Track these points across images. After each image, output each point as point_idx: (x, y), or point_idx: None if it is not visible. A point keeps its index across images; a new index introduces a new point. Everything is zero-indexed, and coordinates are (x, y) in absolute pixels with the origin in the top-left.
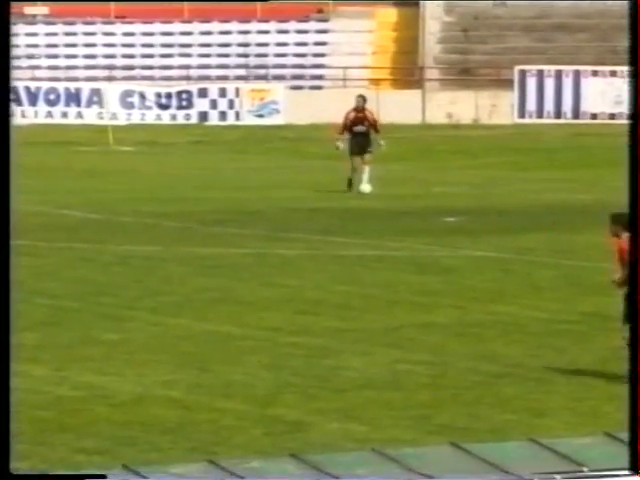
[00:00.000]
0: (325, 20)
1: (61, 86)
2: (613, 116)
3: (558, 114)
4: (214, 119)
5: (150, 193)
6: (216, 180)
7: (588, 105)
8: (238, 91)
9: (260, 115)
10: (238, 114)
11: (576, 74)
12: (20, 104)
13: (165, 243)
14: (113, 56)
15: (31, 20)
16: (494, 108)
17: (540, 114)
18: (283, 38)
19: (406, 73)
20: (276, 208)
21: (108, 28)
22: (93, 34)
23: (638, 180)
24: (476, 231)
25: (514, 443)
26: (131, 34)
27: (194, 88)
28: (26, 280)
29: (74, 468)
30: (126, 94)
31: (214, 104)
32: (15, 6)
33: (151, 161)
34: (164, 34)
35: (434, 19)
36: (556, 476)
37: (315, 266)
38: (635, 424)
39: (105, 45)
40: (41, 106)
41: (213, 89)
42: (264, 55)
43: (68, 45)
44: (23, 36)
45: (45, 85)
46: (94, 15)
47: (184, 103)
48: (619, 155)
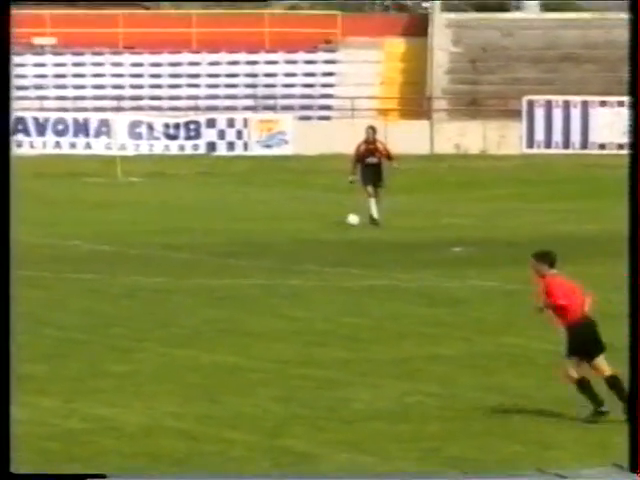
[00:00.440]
0: (333, 51)
1: (69, 116)
2: (621, 146)
3: (566, 144)
4: (222, 150)
5: (158, 224)
6: (224, 211)
7: (596, 135)
8: (246, 122)
9: (268, 146)
10: (246, 145)
11: (584, 104)
12: (28, 135)
13: (174, 274)
14: (121, 86)
15: (39, 51)
16: (502, 139)
17: (548, 144)
18: (291, 68)
19: (414, 104)
20: (285, 239)
21: (116, 59)
22: (101, 64)
23: (638, 206)
24: (484, 262)
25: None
26: (139, 64)
27: (202, 118)
28: (34, 311)
29: None
30: (134, 125)
31: (222, 134)
32: (23, 37)
33: (159, 192)
34: (172, 64)
35: (442, 50)
36: None
37: (324, 298)
38: (635, 424)
39: (113, 75)
40: (49, 137)
41: (221, 119)
42: (272, 85)
43: (76, 75)
44: (31, 66)
45: (53, 115)
46: (102, 45)
47: (192, 134)
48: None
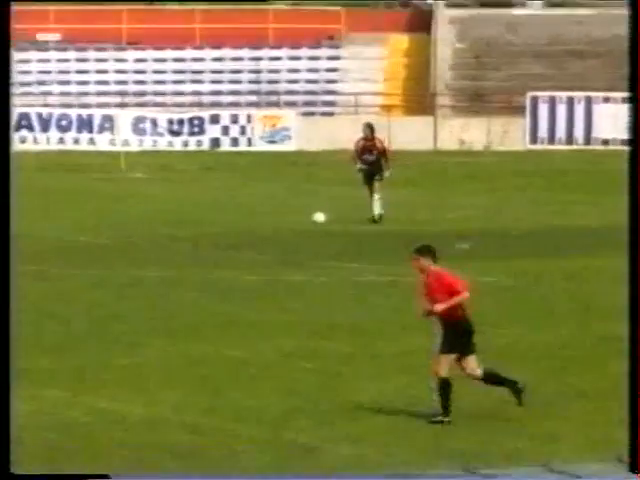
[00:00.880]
0: (337, 46)
1: (73, 112)
2: (625, 142)
3: (570, 140)
4: (226, 145)
5: (162, 218)
6: (228, 205)
7: (600, 131)
8: (250, 117)
9: (272, 141)
10: (250, 140)
11: (588, 100)
12: (32, 130)
13: (178, 268)
14: (125, 82)
15: (43, 46)
16: (506, 134)
17: (552, 140)
18: (295, 64)
19: (418, 99)
20: (288, 233)
21: (120, 54)
22: (105, 60)
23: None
24: (488, 256)
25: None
26: (143, 60)
27: (206, 114)
28: (39, 304)
29: None
30: (138, 120)
31: (226, 130)
32: (27, 32)
33: (163, 187)
34: (176, 60)
35: (446, 45)
36: None
37: (327, 291)
38: (635, 424)
39: (117, 71)
40: (53, 132)
41: (225, 115)
42: (276, 81)
43: (80, 71)
44: (35, 62)
45: (57, 111)
46: (106, 41)
47: (196, 129)
48: None
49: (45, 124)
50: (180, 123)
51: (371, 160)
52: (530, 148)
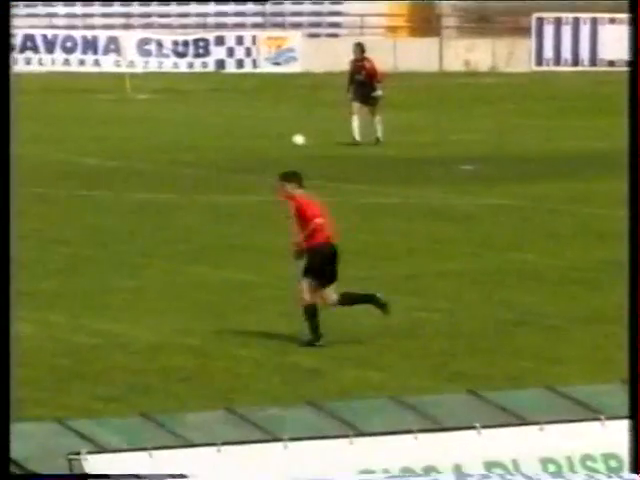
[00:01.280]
0: None
1: (78, 34)
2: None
3: (575, 62)
4: (231, 67)
5: (167, 141)
6: (233, 128)
7: (605, 52)
8: (255, 39)
9: (277, 63)
10: (255, 62)
11: (593, 21)
12: (37, 52)
13: (182, 191)
14: (130, 4)
15: None
16: (511, 56)
17: (557, 62)
18: None
19: (423, 20)
20: (294, 156)
21: None
22: None
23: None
24: (493, 179)
25: (530, 391)
26: None
27: (211, 36)
28: (43, 228)
29: (92, 415)
30: (143, 42)
31: (231, 52)
32: None
33: (168, 109)
34: None
35: None
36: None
37: (333, 214)
38: (635, 424)
39: None
40: (58, 54)
41: (230, 37)
42: (281, 2)
43: None
44: None
45: (62, 33)
46: None
47: (201, 51)
48: None
49: (50, 46)
50: (185, 45)
51: (360, 80)
52: (535, 69)
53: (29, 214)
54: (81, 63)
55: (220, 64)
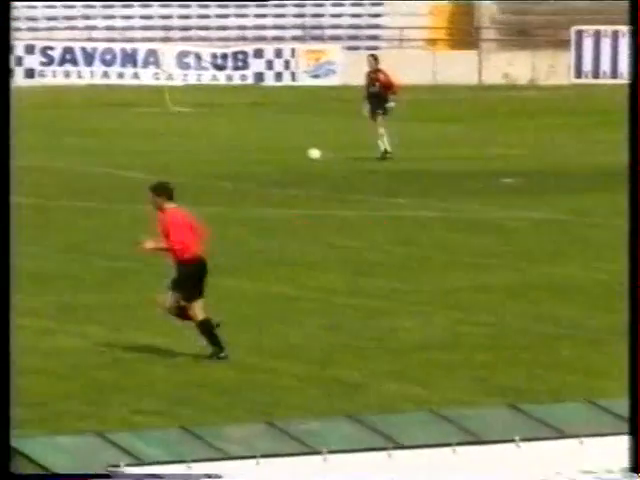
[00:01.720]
0: None
1: (117, 47)
2: None
3: (614, 74)
4: (270, 80)
5: (207, 154)
6: (273, 142)
7: None
8: (294, 52)
9: (316, 76)
10: (294, 75)
11: None
12: (76, 65)
13: (223, 204)
14: (169, 17)
15: None
16: (551, 69)
17: (596, 74)
18: None
19: (463, 33)
20: (334, 169)
21: None
22: None
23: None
24: (533, 192)
25: (570, 404)
26: None
27: (250, 49)
28: (85, 241)
29: (132, 428)
30: (182, 55)
31: (270, 65)
32: None
33: (208, 122)
34: None
35: None
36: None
37: (373, 227)
38: (635, 423)
39: (161, 5)
40: (97, 67)
41: (269, 50)
42: (320, 15)
43: (124, 5)
44: None
45: (101, 46)
46: None
47: (240, 64)
48: None
49: (89, 58)
50: (224, 57)
51: (374, 92)
52: (575, 82)
53: (72, 227)
54: (120, 76)
55: (259, 77)
